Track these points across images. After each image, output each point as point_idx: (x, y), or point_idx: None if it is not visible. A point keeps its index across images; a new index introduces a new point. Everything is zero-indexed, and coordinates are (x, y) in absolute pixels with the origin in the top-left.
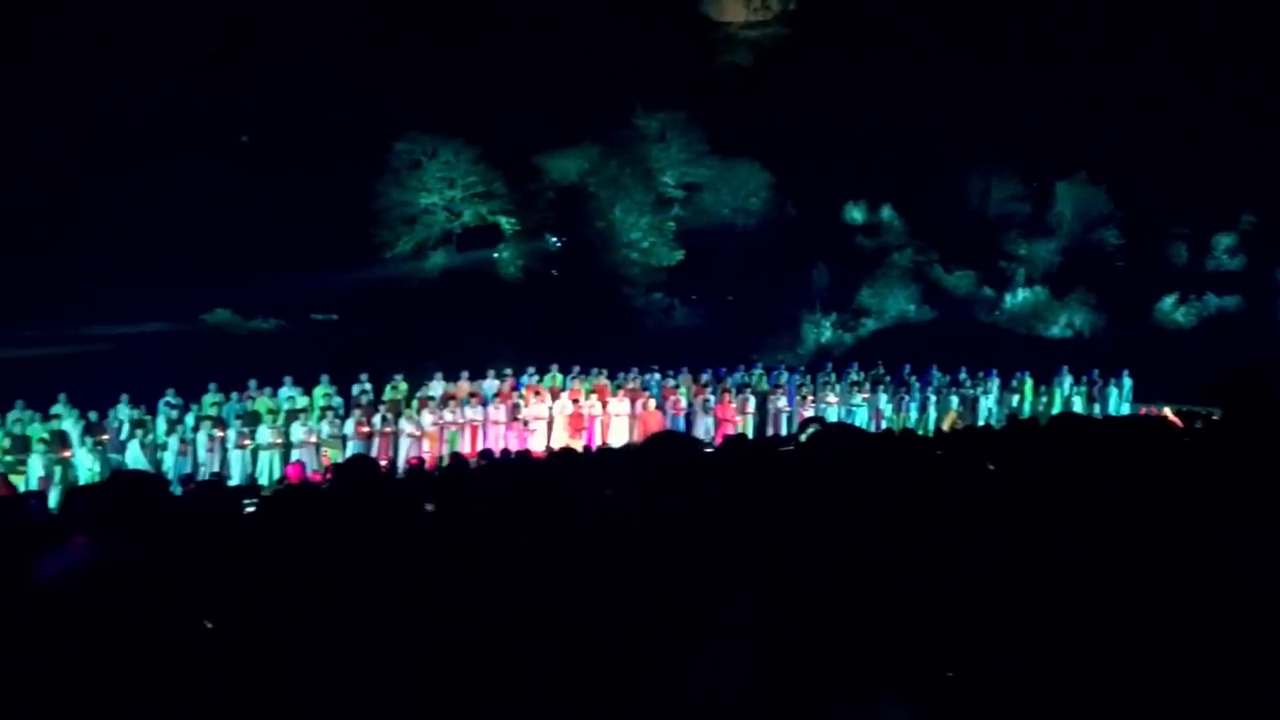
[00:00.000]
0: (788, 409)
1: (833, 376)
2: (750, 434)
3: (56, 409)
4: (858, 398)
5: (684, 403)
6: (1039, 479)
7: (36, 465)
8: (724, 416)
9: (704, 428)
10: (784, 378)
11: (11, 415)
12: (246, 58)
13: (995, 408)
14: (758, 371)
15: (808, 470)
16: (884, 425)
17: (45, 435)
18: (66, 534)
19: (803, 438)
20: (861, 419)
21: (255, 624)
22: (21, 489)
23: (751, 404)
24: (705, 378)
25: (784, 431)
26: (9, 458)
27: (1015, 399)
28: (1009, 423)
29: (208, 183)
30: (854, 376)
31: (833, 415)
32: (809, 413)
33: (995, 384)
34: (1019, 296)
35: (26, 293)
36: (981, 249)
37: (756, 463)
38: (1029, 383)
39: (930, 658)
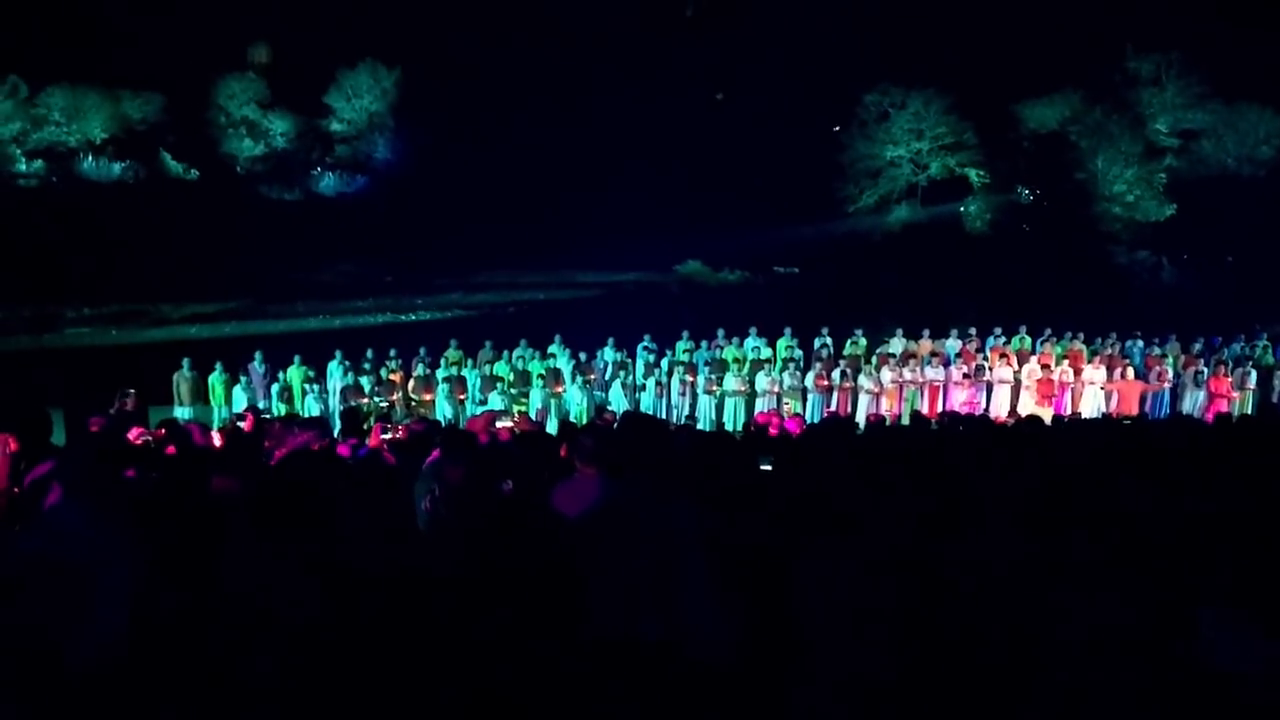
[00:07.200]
0: None
1: None
2: (1251, 412)
3: (553, 348)
4: None
5: (1170, 374)
6: None
7: (536, 398)
8: (1218, 391)
9: (1193, 402)
10: None
11: (516, 352)
12: (726, 13)
13: None
14: (1261, 343)
15: None
16: None
17: (543, 371)
18: (573, 469)
19: None
20: None
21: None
22: None
23: (1252, 379)
24: (1197, 347)
25: None
26: (513, 390)
27: None
28: None
29: (683, 139)
30: None
31: None
32: None
33: None
34: None
35: (531, 245)
36: None
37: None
38: None
39: None
